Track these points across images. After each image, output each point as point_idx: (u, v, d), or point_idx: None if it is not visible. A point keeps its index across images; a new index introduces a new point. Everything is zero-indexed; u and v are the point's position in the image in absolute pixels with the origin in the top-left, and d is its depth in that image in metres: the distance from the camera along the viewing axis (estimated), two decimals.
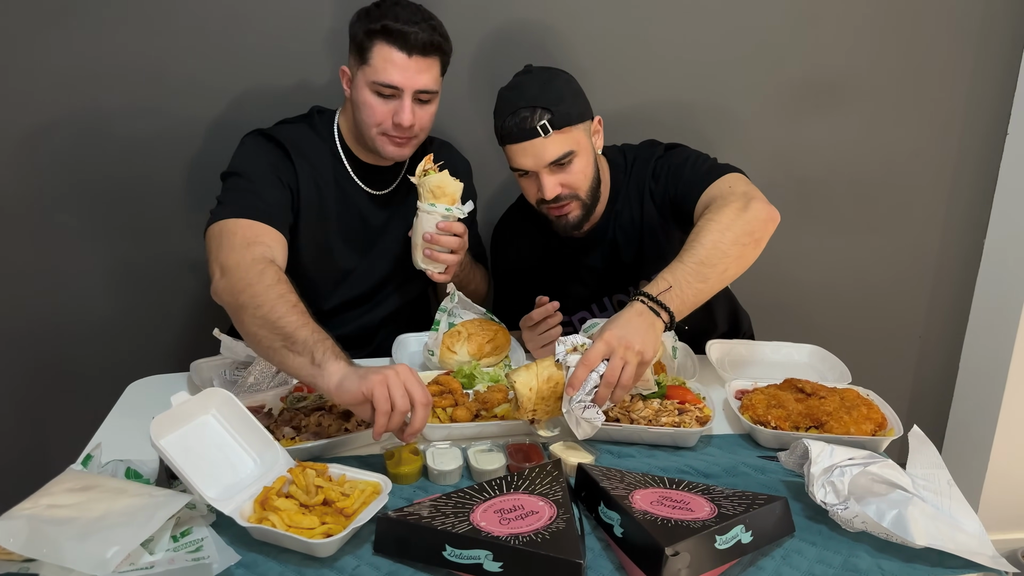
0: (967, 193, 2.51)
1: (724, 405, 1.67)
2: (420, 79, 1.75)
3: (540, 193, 1.79)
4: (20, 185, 2.12)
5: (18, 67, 2.02)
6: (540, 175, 1.77)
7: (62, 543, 1.07)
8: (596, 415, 1.41)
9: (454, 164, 1.97)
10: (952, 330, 2.65)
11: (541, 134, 1.72)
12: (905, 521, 1.20)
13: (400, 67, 1.73)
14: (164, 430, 1.25)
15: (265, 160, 1.80)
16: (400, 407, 1.30)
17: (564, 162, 1.76)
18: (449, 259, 1.81)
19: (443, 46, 1.78)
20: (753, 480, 1.41)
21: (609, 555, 1.20)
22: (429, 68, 1.76)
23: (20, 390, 2.30)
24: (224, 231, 1.63)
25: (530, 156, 1.75)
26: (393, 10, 1.73)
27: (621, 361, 1.39)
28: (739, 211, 1.58)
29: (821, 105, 2.36)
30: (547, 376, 1.44)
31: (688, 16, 2.22)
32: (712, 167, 1.78)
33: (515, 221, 2.10)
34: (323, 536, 1.17)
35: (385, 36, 1.72)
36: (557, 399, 1.45)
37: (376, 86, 1.75)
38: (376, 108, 1.77)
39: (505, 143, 1.78)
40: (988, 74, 2.38)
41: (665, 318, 1.46)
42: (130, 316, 2.25)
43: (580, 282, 2.00)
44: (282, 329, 1.41)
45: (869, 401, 1.58)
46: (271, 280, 1.49)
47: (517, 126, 1.73)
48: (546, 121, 1.72)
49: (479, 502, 1.22)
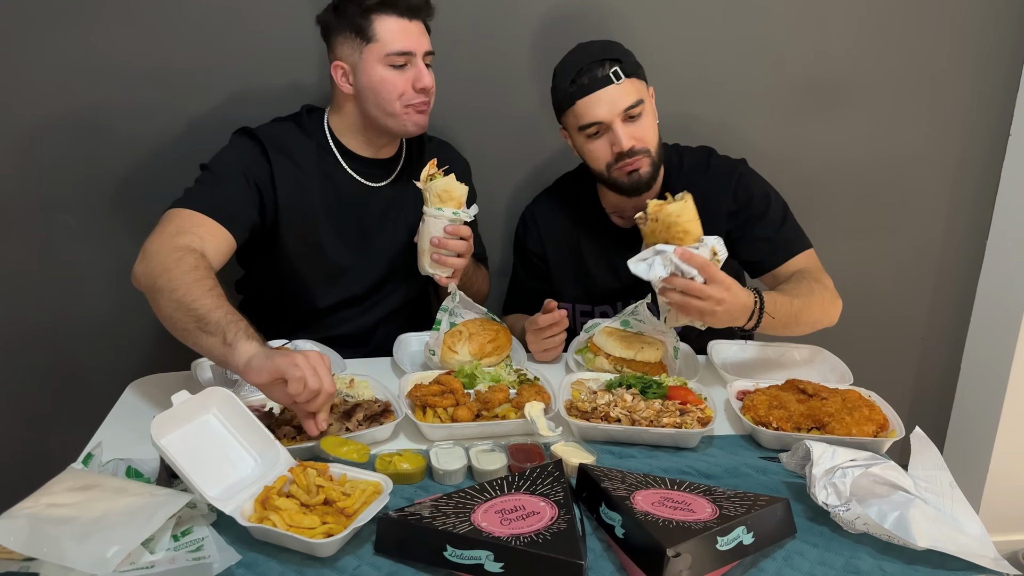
0: (969, 194, 2.50)
1: (726, 406, 1.67)
2: (425, 41, 1.81)
3: (616, 147, 1.79)
4: (21, 184, 2.12)
5: (19, 66, 2.02)
6: (614, 126, 1.78)
7: (62, 542, 1.07)
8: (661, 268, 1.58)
9: (454, 164, 1.97)
10: (954, 331, 2.64)
11: (614, 80, 1.75)
12: (907, 523, 1.20)
13: (407, 32, 1.77)
14: (165, 429, 1.25)
15: (239, 159, 1.81)
16: (312, 385, 1.33)
17: (635, 113, 1.78)
18: (456, 263, 1.83)
19: (430, 6, 1.83)
20: (755, 481, 1.41)
21: (610, 556, 1.20)
22: (425, 31, 1.82)
23: (21, 388, 2.30)
24: (164, 219, 1.68)
25: (604, 104, 1.76)
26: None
27: (709, 296, 1.57)
28: (831, 302, 1.85)
29: (823, 105, 2.35)
30: None
31: (691, 15, 2.22)
32: (799, 233, 1.94)
33: (552, 204, 2.09)
34: (324, 536, 1.17)
35: (383, 7, 1.74)
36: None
37: (390, 58, 1.76)
38: (395, 81, 1.78)
39: (576, 99, 1.79)
40: (990, 74, 2.37)
41: (748, 325, 1.67)
42: (131, 315, 2.25)
43: (614, 275, 2.00)
44: (196, 311, 1.45)
45: (871, 402, 1.58)
46: (188, 266, 1.53)
47: (589, 77, 1.76)
48: (617, 68, 1.76)
49: (480, 502, 1.22)
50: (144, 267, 1.57)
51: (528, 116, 2.25)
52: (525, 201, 2.17)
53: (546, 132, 2.27)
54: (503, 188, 2.33)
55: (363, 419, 1.49)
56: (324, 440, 1.40)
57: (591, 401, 1.57)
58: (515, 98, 2.24)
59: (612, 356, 1.78)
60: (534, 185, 2.25)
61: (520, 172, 2.33)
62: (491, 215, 2.32)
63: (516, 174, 2.33)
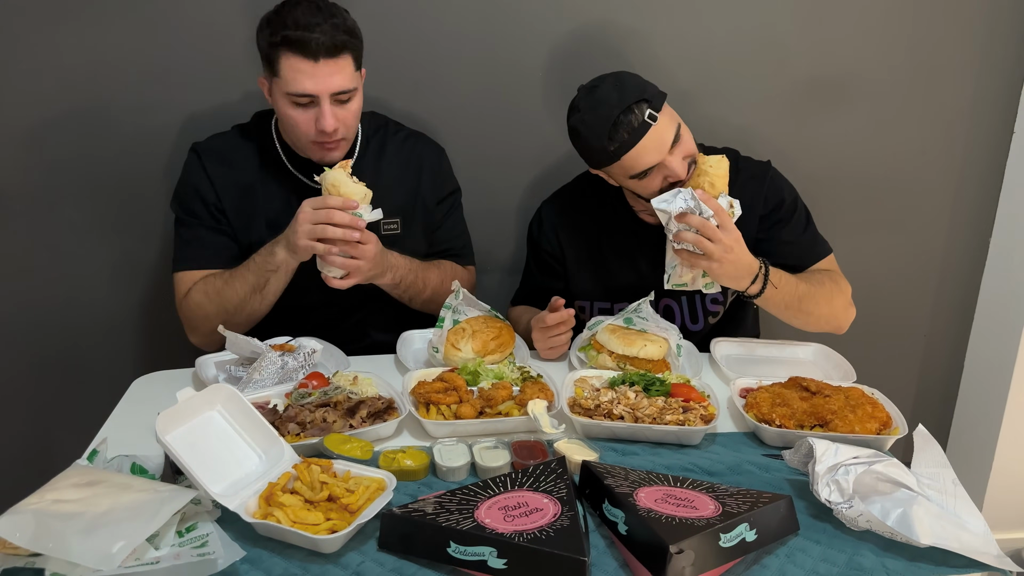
0: (973, 192, 2.50)
1: (729, 403, 1.67)
2: (333, 81, 1.71)
3: (670, 178, 1.77)
4: (26, 181, 2.13)
5: (24, 64, 2.03)
6: (666, 162, 1.75)
7: (68, 538, 1.07)
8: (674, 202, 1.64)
9: (421, 155, 1.99)
10: (957, 329, 2.64)
11: (651, 123, 1.71)
12: (910, 520, 1.20)
13: (309, 74, 1.69)
14: (170, 425, 1.25)
15: (193, 191, 1.89)
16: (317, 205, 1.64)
17: (676, 139, 1.76)
18: (348, 264, 1.73)
19: (350, 43, 1.72)
20: (757, 478, 1.41)
21: (613, 552, 1.20)
22: (340, 68, 1.71)
23: (26, 385, 2.30)
24: (175, 285, 1.91)
25: (653, 150, 1.73)
26: (292, 14, 1.68)
27: (719, 240, 1.64)
28: (843, 306, 1.91)
29: (827, 104, 2.35)
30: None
31: (695, 14, 2.22)
32: (821, 237, 1.99)
33: (571, 202, 2.06)
34: (328, 532, 1.17)
35: (287, 46, 1.68)
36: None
37: (291, 97, 1.72)
38: (297, 119, 1.75)
39: (622, 153, 1.73)
40: (994, 73, 2.37)
41: (751, 289, 1.74)
42: (136, 312, 2.26)
43: (636, 272, 2.00)
44: (230, 282, 1.80)
45: (874, 400, 1.58)
46: (200, 291, 1.83)
47: (627, 131, 1.71)
48: (650, 110, 1.71)
49: (484, 499, 1.23)
50: (191, 333, 1.92)
51: (537, 115, 2.26)
52: (535, 200, 2.17)
53: (555, 132, 2.27)
54: (513, 187, 2.33)
55: (367, 416, 1.50)
56: (328, 437, 1.40)
57: (594, 398, 1.57)
58: (524, 98, 2.24)
59: (615, 353, 1.78)
60: (544, 184, 2.25)
61: (530, 172, 2.33)
62: (502, 215, 2.33)
63: (526, 174, 2.33)
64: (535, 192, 2.29)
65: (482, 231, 2.25)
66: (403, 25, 2.13)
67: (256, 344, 1.69)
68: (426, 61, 2.17)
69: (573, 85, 2.20)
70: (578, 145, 1.83)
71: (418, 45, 2.16)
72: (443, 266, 2.05)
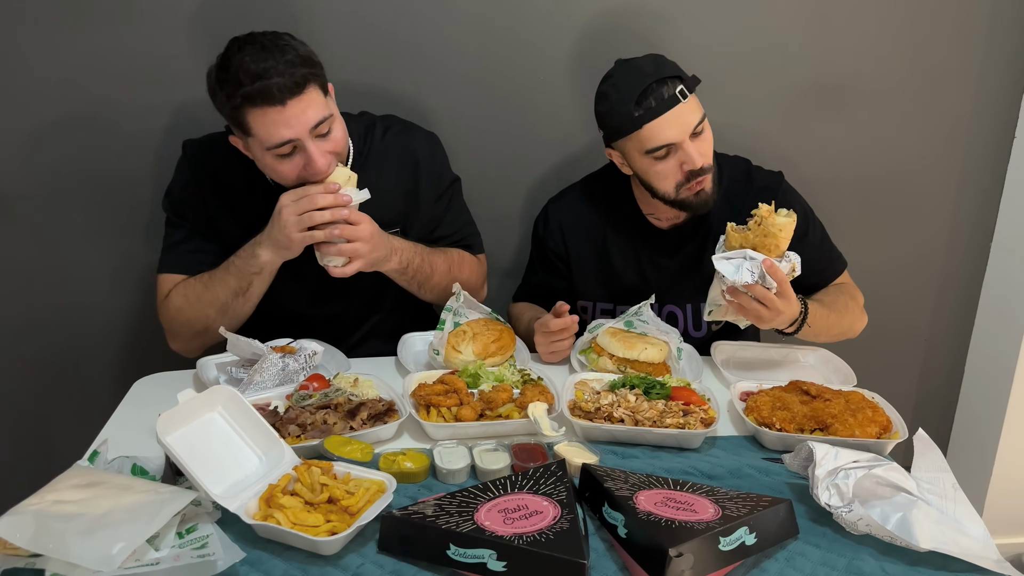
0: (974, 197, 2.50)
1: (729, 407, 1.67)
2: (307, 117, 1.61)
3: (687, 165, 1.76)
4: (27, 183, 2.13)
5: (26, 65, 2.04)
6: (684, 147, 1.74)
7: (68, 538, 1.07)
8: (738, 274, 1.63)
9: (412, 151, 1.92)
10: (958, 334, 2.64)
11: (681, 99, 1.71)
12: (909, 524, 1.20)
13: (283, 121, 1.60)
14: (170, 427, 1.26)
15: (181, 193, 1.87)
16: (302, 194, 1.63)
17: (700, 130, 1.76)
18: (345, 249, 1.68)
19: (310, 74, 1.62)
20: (757, 482, 1.41)
21: (613, 556, 1.20)
22: (308, 101, 1.61)
23: (27, 386, 2.31)
24: (157, 286, 1.88)
25: (676, 125, 1.72)
26: (242, 67, 1.58)
27: (777, 309, 1.65)
28: (858, 318, 1.97)
29: (828, 108, 2.35)
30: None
31: (696, 17, 2.22)
32: (837, 251, 2.04)
33: (578, 202, 2.04)
34: (328, 534, 1.17)
35: (249, 102, 1.58)
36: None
37: (272, 151, 1.64)
38: (287, 171, 1.68)
39: (644, 122, 1.72)
40: (995, 78, 2.37)
41: (788, 330, 1.77)
42: (137, 313, 2.26)
43: (641, 274, 1.99)
44: (210, 286, 1.77)
45: (874, 404, 1.58)
46: (179, 295, 1.80)
47: (656, 99, 1.71)
48: (682, 87, 1.73)
49: (483, 501, 1.23)
50: (171, 333, 1.87)
51: (539, 119, 2.26)
52: (536, 203, 2.18)
53: (557, 136, 2.28)
54: (514, 190, 2.33)
55: (367, 418, 1.50)
56: (328, 439, 1.40)
57: (594, 401, 1.57)
58: (526, 102, 2.25)
59: (615, 356, 1.78)
60: (545, 188, 2.26)
61: (531, 175, 2.33)
62: (502, 218, 2.33)
63: (527, 177, 2.33)
64: (536, 195, 2.29)
65: (483, 234, 2.25)
66: (405, 26, 2.13)
67: (257, 346, 1.69)
68: (428, 63, 2.18)
69: (575, 89, 2.22)
70: (603, 109, 1.81)
71: (420, 47, 2.16)
72: (449, 252, 1.99)
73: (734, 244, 1.68)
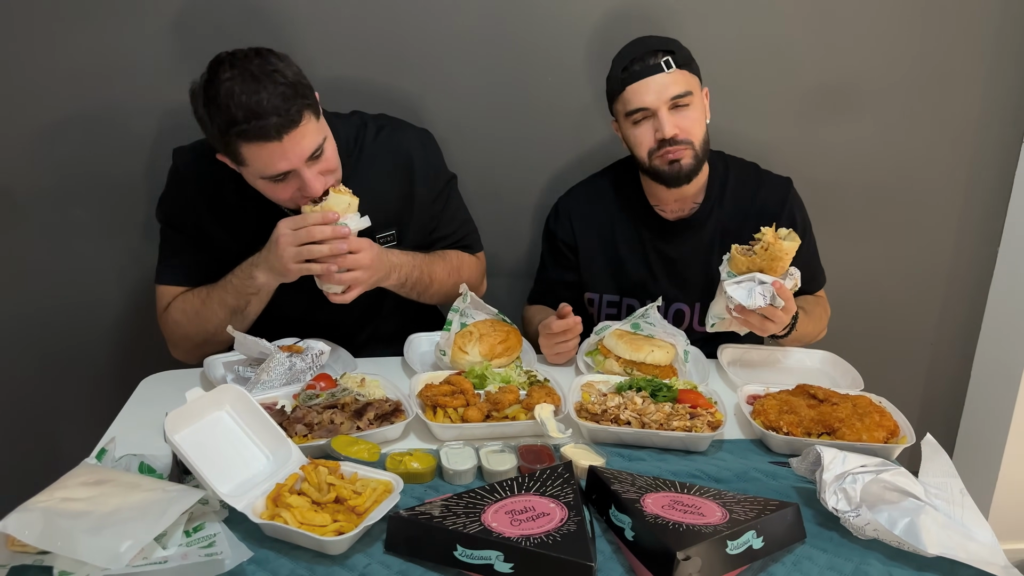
0: (981, 199, 2.49)
1: (736, 410, 1.67)
2: (303, 147, 1.59)
3: (659, 133, 1.82)
4: (36, 181, 2.14)
5: (35, 64, 2.04)
6: (659, 113, 1.81)
7: (76, 536, 1.08)
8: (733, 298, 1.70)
9: (405, 151, 1.88)
10: (964, 337, 2.63)
11: (664, 69, 1.80)
12: (917, 529, 1.20)
13: (279, 155, 1.57)
14: (178, 425, 1.26)
15: (172, 204, 1.84)
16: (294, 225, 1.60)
17: (683, 103, 1.82)
18: (347, 278, 1.68)
19: (303, 103, 1.57)
20: (764, 486, 1.41)
21: (620, 558, 1.20)
22: (304, 132, 1.58)
23: (35, 384, 2.31)
24: (156, 297, 1.89)
25: (653, 92, 1.80)
26: (233, 99, 1.51)
27: (781, 322, 1.72)
28: (823, 329, 2.07)
29: (835, 109, 2.35)
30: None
31: (703, 20, 2.22)
32: (823, 270, 2.12)
33: (588, 194, 2.09)
34: (335, 534, 1.17)
35: (244, 138, 1.54)
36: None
37: (268, 179, 1.62)
38: (281, 194, 1.67)
39: (626, 84, 1.82)
40: (1003, 79, 2.36)
41: (779, 334, 1.84)
42: (145, 311, 2.26)
43: (647, 265, 2.02)
44: (208, 303, 1.78)
45: (881, 408, 1.57)
46: (178, 310, 1.82)
47: (641, 65, 1.81)
48: (669, 58, 1.81)
49: (490, 503, 1.23)
50: (172, 343, 1.88)
51: (547, 118, 2.27)
52: (544, 203, 2.20)
53: (565, 135, 2.28)
54: (522, 191, 2.33)
55: (374, 418, 1.50)
56: (335, 439, 1.41)
57: (601, 403, 1.57)
58: (534, 101, 2.25)
59: (622, 359, 1.78)
60: (553, 188, 2.27)
61: (539, 175, 2.33)
62: (510, 219, 2.34)
63: (535, 177, 2.33)
64: (545, 196, 2.29)
65: (491, 235, 2.24)
66: (413, 22, 2.13)
67: (264, 345, 1.69)
68: (437, 60, 2.18)
69: (580, 90, 2.22)
70: (606, 79, 1.92)
71: (429, 44, 2.16)
72: (448, 256, 1.98)
73: (742, 268, 1.72)
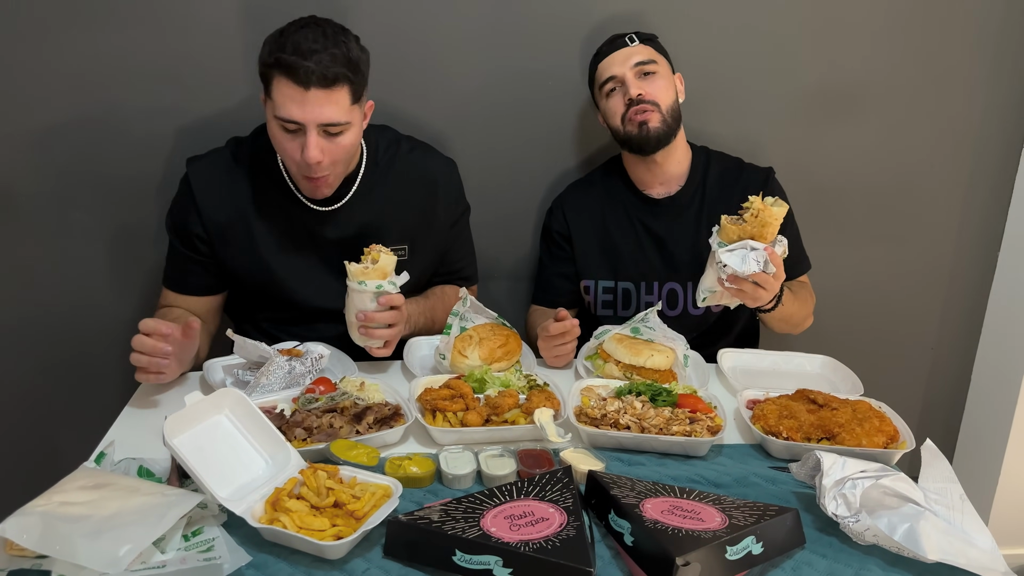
0: (982, 204, 2.50)
1: (735, 415, 1.67)
2: (323, 112, 1.63)
3: (626, 96, 1.95)
4: (35, 183, 2.13)
5: (35, 66, 2.04)
6: (626, 79, 1.95)
7: (75, 540, 1.08)
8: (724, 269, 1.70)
9: (432, 172, 1.95)
10: (965, 342, 2.63)
11: (628, 43, 1.98)
12: (917, 535, 1.20)
13: (298, 102, 1.62)
14: (177, 429, 1.26)
15: (180, 217, 1.88)
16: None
17: (648, 71, 1.96)
18: (386, 334, 1.75)
19: (347, 76, 1.63)
20: (764, 491, 1.41)
21: (619, 563, 1.20)
22: (333, 99, 1.63)
23: (34, 387, 2.31)
24: (160, 298, 1.99)
25: (618, 61, 1.97)
26: (293, 38, 1.62)
27: (772, 288, 1.73)
28: (809, 315, 2.13)
29: (836, 113, 2.35)
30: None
31: (703, 22, 2.22)
32: (806, 256, 2.16)
33: (580, 189, 2.18)
34: (333, 538, 1.17)
35: (280, 69, 1.62)
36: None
37: (279, 121, 1.66)
38: (285, 144, 1.70)
39: (600, 58, 2.01)
40: (1004, 84, 2.37)
41: (767, 307, 1.88)
42: (144, 314, 2.24)
43: (639, 244, 2.08)
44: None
45: (881, 413, 1.57)
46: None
47: (609, 45, 2.00)
48: (633, 35, 1.99)
49: (489, 507, 1.23)
50: None
51: (546, 122, 2.27)
52: (543, 206, 2.22)
53: (563, 138, 2.28)
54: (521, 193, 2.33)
55: (373, 422, 1.50)
56: (334, 443, 1.40)
57: (600, 408, 1.57)
58: (532, 104, 2.25)
59: (622, 363, 1.78)
60: (552, 190, 2.29)
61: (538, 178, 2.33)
62: (510, 221, 2.34)
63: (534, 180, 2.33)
64: (543, 199, 2.30)
65: (490, 238, 2.25)
66: (412, 31, 2.14)
67: (264, 348, 1.70)
68: (436, 66, 2.18)
69: (579, 94, 2.22)
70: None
71: (428, 50, 2.16)
72: (445, 296, 2.07)
73: (732, 236, 1.71)
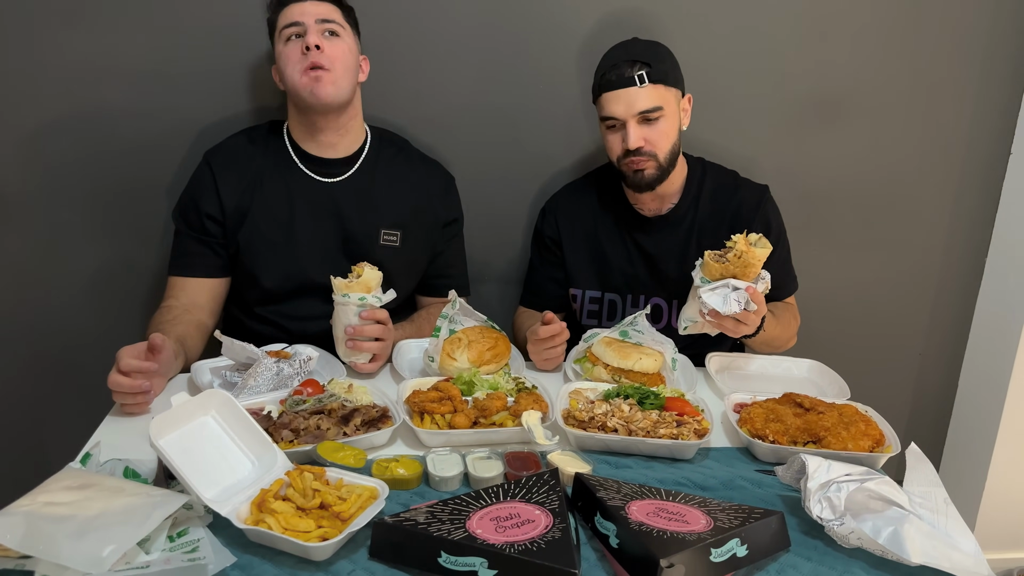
0: (970, 210, 2.51)
1: (722, 418, 1.67)
2: (319, 9, 1.86)
3: (624, 144, 1.89)
4: (25, 183, 2.13)
5: (26, 65, 2.04)
6: (628, 126, 1.87)
7: (59, 540, 1.07)
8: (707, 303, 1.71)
9: (431, 177, 2.07)
10: (952, 348, 2.65)
11: (637, 83, 1.85)
12: (901, 538, 1.20)
13: (299, 9, 1.86)
14: (163, 430, 1.25)
15: (194, 201, 1.96)
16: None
17: (652, 117, 1.87)
18: (373, 347, 1.78)
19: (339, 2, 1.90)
20: (750, 494, 1.41)
21: (604, 565, 1.20)
22: (325, 7, 1.88)
23: (21, 387, 2.30)
24: (166, 290, 2.00)
25: (622, 104, 1.86)
26: None
27: (753, 323, 1.74)
28: (792, 336, 2.10)
29: (825, 120, 2.36)
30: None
31: (694, 30, 2.23)
32: (794, 277, 2.16)
33: (573, 193, 2.17)
34: (319, 539, 1.17)
35: (281, 3, 1.87)
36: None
37: (284, 32, 1.87)
38: (290, 53, 1.87)
39: (601, 92, 1.90)
40: (992, 92, 2.38)
41: (749, 332, 1.80)
42: (133, 314, 2.26)
43: (629, 260, 2.08)
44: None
45: (867, 417, 1.58)
46: (157, 318, 1.89)
47: (616, 75, 1.86)
48: (644, 72, 1.85)
49: (476, 509, 1.23)
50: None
51: (538, 126, 2.27)
52: (534, 210, 2.22)
53: (555, 143, 2.29)
54: (513, 197, 2.34)
55: (361, 424, 1.50)
56: (321, 445, 1.40)
57: (588, 411, 1.57)
58: (524, 109, 2.26)
59: (610, 366, 1.79)
60: (543, 195, 2.28)
61: (530, 182, 2.35)
62: (500, 225, 2.34)
63: (525, 184, 2.35)
64: (535, 202, 2.31)
65: (481, 241, 2.26)
66: (405, 35, 2.14)
67: (252, 350, 1.69)
68: (428, 71, 2.19)
69: (571, 98, 2.23)
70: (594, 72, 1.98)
71: (420, 55, 2.17)
72: (431, 319, 2.08)
73: (715, 274, 1.73)
